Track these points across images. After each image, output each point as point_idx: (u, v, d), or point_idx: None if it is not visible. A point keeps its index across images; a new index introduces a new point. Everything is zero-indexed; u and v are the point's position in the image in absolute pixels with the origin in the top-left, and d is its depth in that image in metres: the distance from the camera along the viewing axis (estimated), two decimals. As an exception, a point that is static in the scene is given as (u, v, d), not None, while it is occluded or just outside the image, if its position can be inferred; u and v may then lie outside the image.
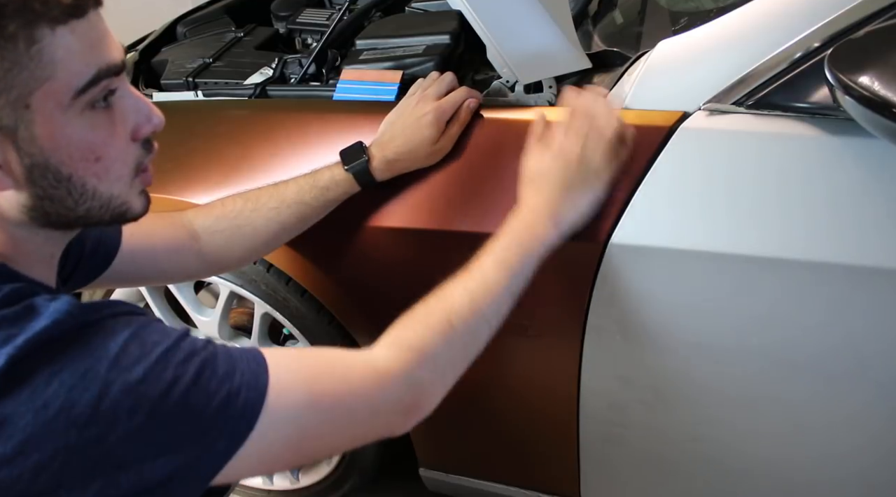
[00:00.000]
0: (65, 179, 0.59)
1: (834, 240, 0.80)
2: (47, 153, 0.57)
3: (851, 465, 0.97)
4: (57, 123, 0.56)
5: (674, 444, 1.04)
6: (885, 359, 0.85)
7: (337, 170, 0.92)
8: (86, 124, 0.58)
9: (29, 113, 0.55)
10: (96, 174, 0.60)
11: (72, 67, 0.55)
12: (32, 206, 0.59)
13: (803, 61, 0.78)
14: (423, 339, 0.72)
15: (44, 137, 0.56)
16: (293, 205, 0.92)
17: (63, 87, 0.55)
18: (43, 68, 0.54)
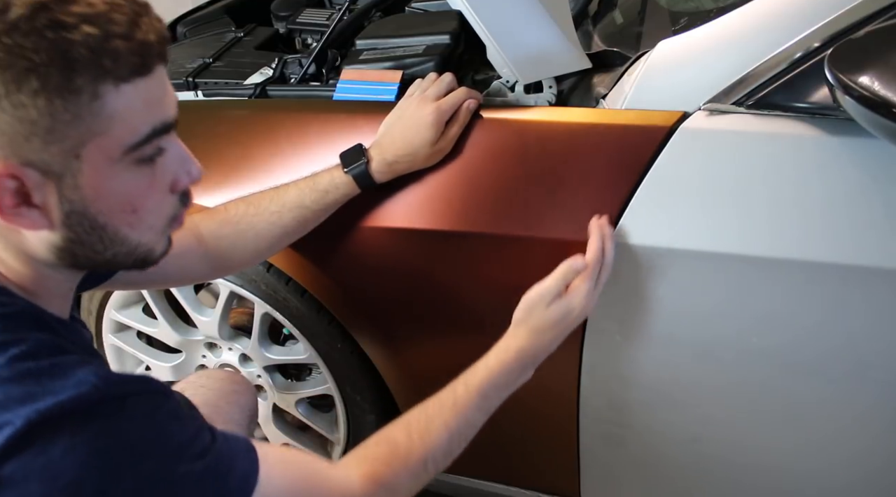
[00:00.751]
0: (99, 227, 0.59)
1: (834, 240, 0.80)
2: (87, 202, 0.58)
3: (851, 464, 0.97)
4: (103, 175, 0.57)
5: (673, 444, 1.04)
6: (885, 358, 0.85)
7: (337, 172, 0.92)
8: (129, 177, 0.59)
9: (78, 162, 0.55)
10: (130, 224, 0.61)
11: (128, 124, 0.56)
12: (63, 247, 0.60)
13: (803, 61, 0.78)
14: (399, 482, 0.76)
15: (87, 187, 0.57)
16: (294, 208, 0.92)
17: (116, 142, 0.56)
18: (100, 123, 0.55)
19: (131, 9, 0.55)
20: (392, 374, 1.12)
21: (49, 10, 0.51)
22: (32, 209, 0.56)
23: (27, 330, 0.57)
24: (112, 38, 0.53)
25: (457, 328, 1.02)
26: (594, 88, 1.00)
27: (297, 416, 1.31)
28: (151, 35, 0.56)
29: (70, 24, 0.52)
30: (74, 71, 0.52)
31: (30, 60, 0.51)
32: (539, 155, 0.90)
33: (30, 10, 0.51)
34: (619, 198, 0.86)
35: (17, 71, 0.51)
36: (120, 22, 0.54)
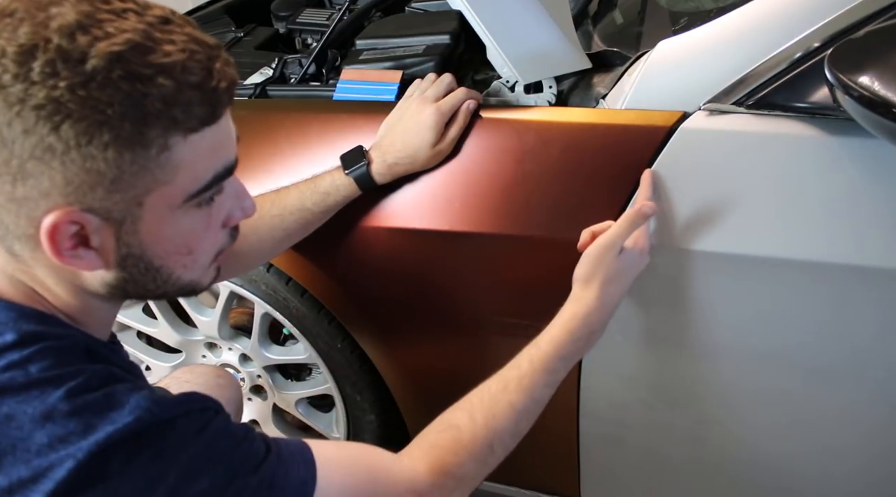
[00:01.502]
0: (154, 269, 0.60)
1: (833, 240, 0.80)
2: (145, 246, 0.58)
3: (852, 464, 0.97)
4: (162, 221, 0.57)
5: (674, 444, 1.04)
6: (885, 358, 0.85)
7: (338, 174, 0.92)
8: (188, 221, 0.59)
9: (139, 210, 0.55)
10: (184, 265, 0.62)
11: (193, 173, 0.56)
12: (115, 285, 0.60)
13: (803, 61, 0.78)
14: (465, 469, 0.75)
15: (146, 233, 0.57)
16: (295, 211, 0.92)
17: (179, 190, 0.56)
18: (166, 173, 0.55)
19: (206, 54, 0.55)
20: (392, 374, 1.12)
21: (126, 61, 0.50)
22: (90, 251, 0.56)
23: (81, 362, 0.57)
24: (185, 90, 0.53)
25: (457, 328, 1.02)
26: (594, 88, 1.00)
27: (297, 416, 1.31)
28: (223, 82, 0.56)
29: (146, 76, 0.51)
30: (146, 124, 0.52)
31: (103, 113, 0.50)
32: (539, 155, 0.90)
33: (106, 61, 0.50)
34: (619, 198, 0.86)
35: (89, 123, 0.50)
36: (194, 71, 0.53)
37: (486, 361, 1.06)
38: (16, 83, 0.49)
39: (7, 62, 0.49)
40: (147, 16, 0.53)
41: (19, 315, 0.57)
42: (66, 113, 0.49)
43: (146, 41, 0.52)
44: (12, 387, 0.53)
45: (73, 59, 0.49)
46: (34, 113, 0.49)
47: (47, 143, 0.50)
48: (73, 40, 0.49)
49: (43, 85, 0.49)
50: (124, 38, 0.51)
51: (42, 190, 0.52)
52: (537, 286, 0.94)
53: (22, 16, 0.50)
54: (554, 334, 0.79)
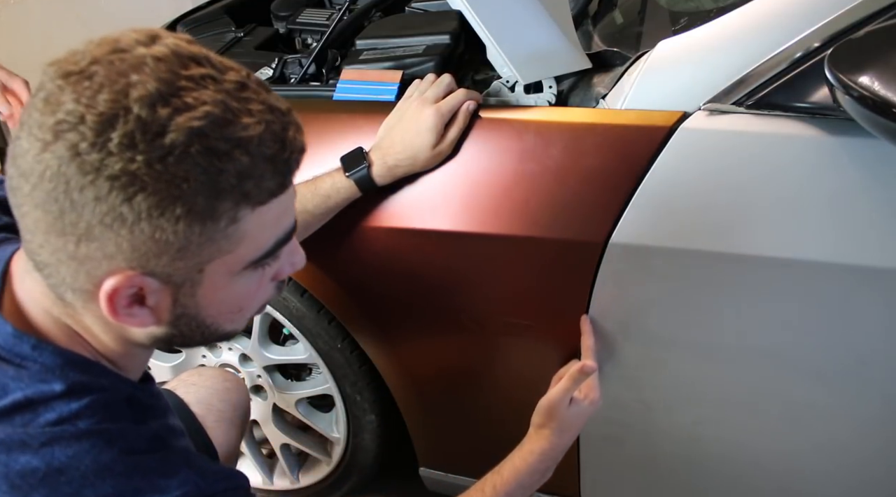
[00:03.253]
0: (204, 326, 0.61)
1: (833, 240, 0.80)
2: (200, 307, 0.58)
3: (852, 464, 0.97)
4: (220, 286, 0.58)
5: (674, 444, 1.04)
6: (885, 358, 0.85)
7: (338, 176, 0.92)
8: (243, 283, 0.59)
9: (200, 276, 0.56)
10: (233, 321, 0.62)
11: (256, 242, 0.57)
12: (162, 338, 0.61)
13: (803, 61, 0.78)
14: None
15: (203, 296, 0.57)
16: (296, 214, 0.92)
17: (241, 258, 0.57)
18: (231, 244, 0.55)
19: (280, 124, 0.54)
20: (392, 374, 1.12)
21: (205, 136, 0.50)
22: (144, 309, 0.56)
23: (127, 418, 0.59)
24: (259, 164, 0.52)
25: (457, 328, 1.02)
26: (594, 88, 1.00)
27: (297, 416, 1.31)
28: (295, 153, 0.55)
29: (223, 152, 0.50)
30: (219, 198, 0.52)
31: (178, 188, 0.50)
32: (539, 155, 0.90)
33: (186, 135, 0.49)
34: (619, 198, 0.86)
35: (162, 197, 0.50)
36: (269, 144, 0.53)
37: (486, 361, 1.06)
38: (92, 152, 0.48)
39: (85, 130, 0.48)
40: (225, 82, 0.52)
41: (66, 362, 0.58)
42: (141, 186, 0.49)
43: (225, 113, 0.51)
44: (63, 438, 0.54)
45: (152, 131, 0.49)
46: (108, 183, 0.49)
47: (118, 212, 0.50)
48: (154, 112, 0.49)
49: (120, 156, 0.48)
50: (204, 111, 0.50)
51: (107, 253, 0.52)
52: (537, 286, 0.94)
53: (102, 81, 0.49)
54: (515, 464, 0.88)
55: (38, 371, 0.57)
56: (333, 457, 1.33)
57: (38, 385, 0.56)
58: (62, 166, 0.49)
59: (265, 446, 1.45)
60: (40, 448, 0.54)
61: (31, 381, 0.56)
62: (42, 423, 0.55)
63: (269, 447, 1.42)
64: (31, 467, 0.53)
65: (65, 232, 0.51)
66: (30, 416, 0.55)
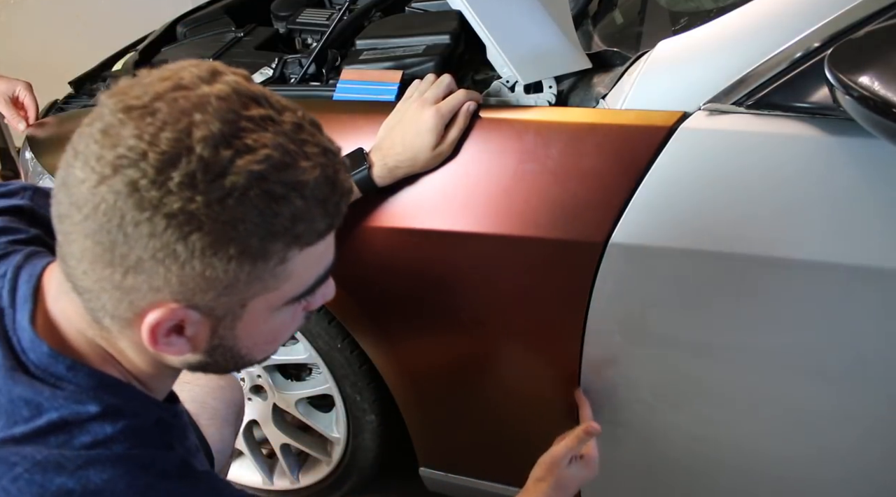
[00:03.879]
0: (238, 357, 0.62)
1: (834, 240, 0.80)
2: (237, 339, 0.59)
3: (852, 464, 0.97)
4: (259, 320, 0.58)
5: (674, 444, 1.04)
6: (885, 358, 0.85)
7: None
8: (281, 317, 0.60)
9: (242, 311, 0.57)
10: (265, 352, 0.64)
11: (300, 281, 0.58)
12: (196, 365, 0.62)
13: (803, 61, 0.78)
14: None
15: (242, 329, 0.58)
16: None
17: (283, 295, 0.58)
18: (277, 282, 0.56)
19: (332, 166, 0.55)
20: (392, 374, 1.12)
21: (264, 179, 0.50)
22: (182, 338, 0.57)
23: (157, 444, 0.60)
24: (313, 207, 0.53)
25: (457, 328, 1.02)
26: (594, 88, 1.00)
27: (297, 416, 1.31)
28: (343, 199, 0.56)
29: (280, 196, 0.51)
30: (272, 240, 0.53)
31: (235, 229, 0.51)
32: (539, 155, 0.90)
33: (246, 179, 0.50)
34: (619, 198, 0.86)
35: (217, 237, 0.50)
36: (323, 187, 0.54)
37: (486, 361, 1.06)
38: (152, 189, 0.49)
39: (147, 167, 0.49)
40: (283, 124, 0.53)
41: (99, 383, 0.58)
42: (198, 225, 0.50)
43: (284, 157, 0.51)
44: (98, 461, 0.55)
45: (213, 172, 0.49)
46: (165, 220, 0.49)
47: (172, 248, 0.50)
48: (217, 153, 0.49)
49: (180, 196, 0.49)
50: (264, 155, 0.50)
51: (153, 286, 0.52)
52: (537, 286, 0.94)
53: (165, 118, 0.50)
54: None
55: (73, 392, 0.57)
56: (333, 457, 1.33)
57: (74, 406, 0.56)
58: (119, 201, 0.49)
59: (265, 446, 1.45)
60: (76, 470, 0.54)
61: (66, 402, 0.56)
62: (77, 446, 0.55)
63: (269, 447, 1.42)
64: (67, 489, 0.53)
65: (113, 263, 0.52)
66: (65, 437, 0.55)
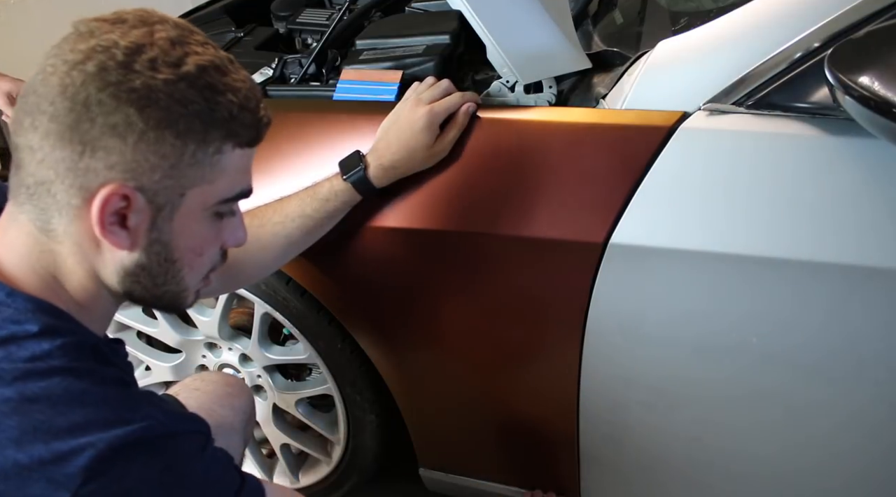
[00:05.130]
0: (170, 261, 0.67)
1: (834, 240, 0.80)
2: (172, 235, 0.65)
3: (852, 464, 0.97)
4: (192, 216, 0.66)
5: (674, 445, 1.04)
6: (885, 359, 0.85)
7: (336, 180, 0.93)
8: (207, 225, 0.68)
9: (180, 200, 0.64)
10: (191, 265, 0.69)
11: (229, 182, 0.66)
12: (130, 272, 0.66)
13: (803, 61, 0.78)
14: None
15: (178, 222, 0.65)
16: (297, 218, 0.93)
17: (214, 193, 0.65)
18: (212, 174, 0.64)
19: (257, 92, 0.66)
20: (392, 374, 1.12)
21: (210, 74, 0.62)
22: (123, 230, 0.62)
23: (91, 361, 0.63)
24: (245, 111, 0.64)
25: (457, 328, 1.03)
26: (594, 88, 1.00)
27: (297, 416, 1.31)
28: (266, 118, 0.67)
29: (221, 90, 0.62)
30: (212, 126, 0.62)
31: (185, 108, 0.60)
32: (539, 155, 0.90)
33: (196, 69, 0.61)
34: (619, 198, 0.86)
35: (170, 112, 0.60)
36: (250, 98, 0.65)
37: (486, 361, 1.06)
38: (119, 69, 0.58)
39: (117, 52, 0.59)
40: (219, 51, 0.65)
41: (37, 307, 0.63)
42: (155, 100, 0.59)
43: (222, 66, 0.64)
44: (35, 372, 0.59)
45: (170, 60, 0.60)
46: (127, 94, 0.58)
47: (131, 120, 0.59)
48: (174, 48, 0.61)
49: (142, 75, 0.59)
50: (209, 58, 0.63)
51: (109, 163, 0.60)
52: (537, 286, 0.94)
53: (133, 24, 0.61)
54: None
55: (11, 314, 0.61)
56: (333, 457, 1.33)
57: (11, 326, 0.61)
58: (87, 81, 0.58)
59: (265, 446, 1.45)
60: (13, 381, 0.58)
61: (3, 323, 0.61)
62: (15, 359, 0.59)
63: (269, 447, 1.42)
64: (4, 397, 0.57)
65: (73, 141, 0.59)
66: (3, 353, 0.59)
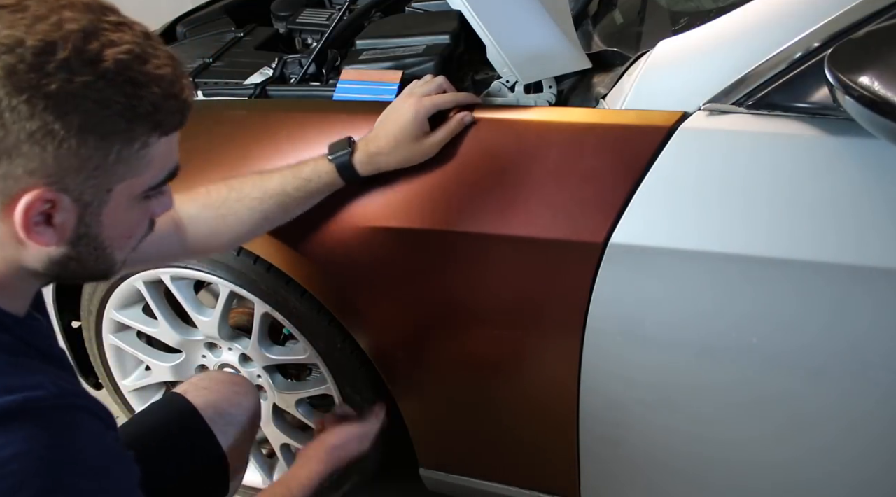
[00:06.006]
0: (101, 248, 0.66)
1: (834, 240, 0.80)
2: (101, 228, 0.64)
3: (852, 464, 0.97)
4: (121, 208, 0.64)
5: (674, 445, 1.04)
6: (886, 358, 0.85)
7: (321, 161, 0.93)
8: (137, 210, 0.67)
9: (108, 196, 0.62)
10: (121, 247, 0.68)
11: (157, 169, 0.64)
12: (58, 262, 0.64)
13: (803, 61, 0.78)
14: None
15: (106, 216, 0.63)
16: (276, 195, 0.93)
17: (142, 183, 0.64)
18: (139, 167, 0.62)
19: (179, 69, 0.63)
20: (392, 375, 1.12)
21: (130, 69, 0.58)
22: (49, 228, 0.61)
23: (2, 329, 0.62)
24: (168, 98, 0.61)
25: (456, 328, 1.03)
26: (594, 88, 1.00)
27: (297, 416, 1.31)
28: (190, 97, 0.64)
29: (142, 83, 0.59)
30: (137, 122, 0.60)
31: (107, 109, 0.57)
32: (539, 155, 0.90)
33: (115, 66, 0.57)
34: (619, 198, 0.86)
35: (91, 116, 0.57)
36: (173, 83, 0.61)
37: (486, 361, 1.06)
38: (30, 73, 0.54)
39: (24, 52, 0.54)
40: (136, 31, 0.61)
41: None
42: (74, 105, 0.56)
43: (143, 53, 0.59)
44: None
45: (86, 59, 0.56)
46: (44, 100, 0.55)
47: (50, 128, 0.56)
48: (88, 43, 0.56)
49: (57, 77, 0.55)
50: (127, 48, 0.58)
51: (28, 169, 0.57)
52: (537, 286, 0.94)
53: (36, 13, 0.56)
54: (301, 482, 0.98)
55: None
56: (333, 457, 1.33)
57: None
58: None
59: (265, 446, 1.45)
60: None
61: None
62: None
63: (269, 447, 1.42)
64: None
65: None
66: None
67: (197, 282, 1.22)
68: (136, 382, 1.40)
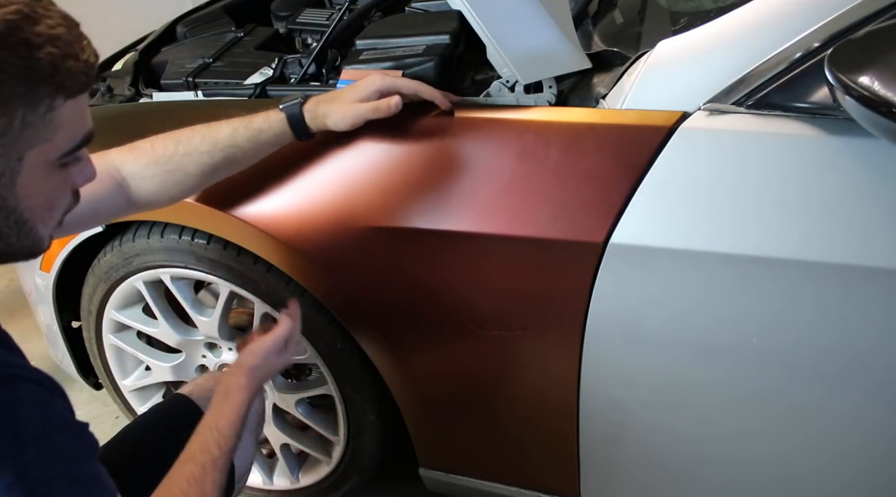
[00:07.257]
0: (21, 221, 0.65)
1: (834, 240, 0.80)
2: (19, 199, 0.63)
3: (852, 464, 0.97)
4: (37, 177, 0.63)
5: (673, 445, 1.04)
6: (885, 358, 0.85)
7: (272, 111, 0.94)
8: (54, 179, 0.66)
9: (20, 165, 0.61)
10: (43, 219, 0.67)
11: (69, 133, 0.63)
12: None
13: (803, 61, 0.78)
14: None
15: (22, 186, 0.62)
16: (226, 148, 0.93)
17: (55, 149, 0.63)
18: (48, 132, 0.61)
19: (76, 31, 0.62)
20: (392, 374, 1.12)
21: (20, 29, 0.57)
22: None
23: None
24: (68, 59, 0.60)
25: (456, 328, 1.02)
26: (594, 88, 1.00)
27: (297, 416, 1.31)
28: (93, 57, 0.63)
29: (37, 44, 0.58)
30: (38, 85, 0.59)
31: (4, 72, 0.56)
32: (539, 155, 0.90)
33: (4, 27, 0.56)
34: (619, 198, 0.86)
35: None
36: (70, 43, 0.60)
37: (486, 361, 1.06)
38: None
39: None
40: None
41: None
42: None
43: (32, 13, 0.58)
44: None
45: None
46: None
47: None
48: None
49: None
50: (15, 9, 0.57)
51: None
52: (537, 286, 0.94)
53: None
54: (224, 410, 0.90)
55: None
56: (333, 457, 1.33)
57: None
58: None
59: (265, 446, 1.45)
60: None
61: None
62: None
63: (269, 447, 1.42)
64: None
65: None
66: None
67: (197, 282, 1.22)
68: (137, 382, 1.40)
